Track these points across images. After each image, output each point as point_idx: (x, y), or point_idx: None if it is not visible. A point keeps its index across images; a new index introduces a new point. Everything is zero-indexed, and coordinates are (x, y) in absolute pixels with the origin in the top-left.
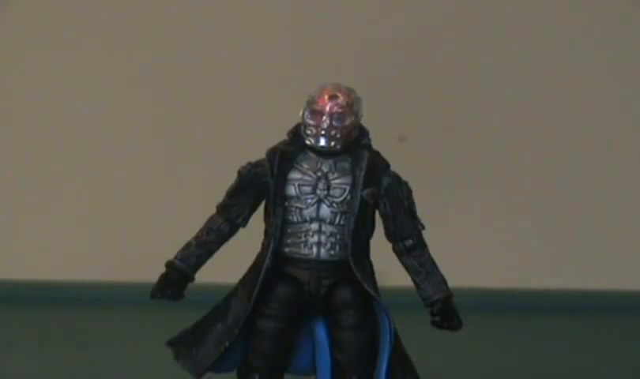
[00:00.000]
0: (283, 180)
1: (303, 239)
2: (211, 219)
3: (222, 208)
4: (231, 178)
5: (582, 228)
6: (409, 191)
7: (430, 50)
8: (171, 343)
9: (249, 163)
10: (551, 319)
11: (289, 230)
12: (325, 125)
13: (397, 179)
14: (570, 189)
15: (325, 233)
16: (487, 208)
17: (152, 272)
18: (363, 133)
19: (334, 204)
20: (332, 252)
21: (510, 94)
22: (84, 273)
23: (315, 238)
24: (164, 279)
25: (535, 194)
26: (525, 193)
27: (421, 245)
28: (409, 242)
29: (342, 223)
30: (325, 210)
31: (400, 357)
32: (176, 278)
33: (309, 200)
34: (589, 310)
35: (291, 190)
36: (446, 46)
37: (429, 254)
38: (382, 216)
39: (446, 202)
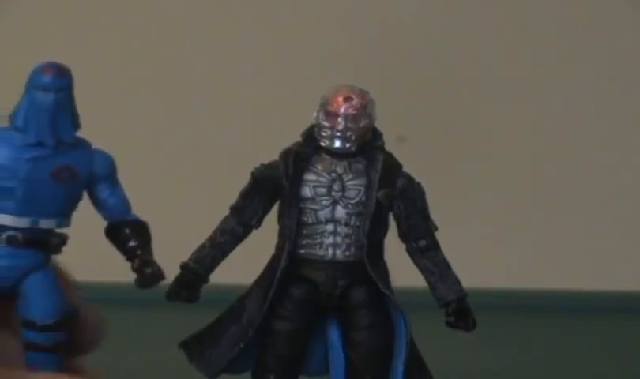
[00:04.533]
0: (298, 182)
1: (319, 240)
2: (224, 221)
3: (235, 210)
4: (233, 179)
5: (581, 229)
6: (422, 192)
7: (429, 50)
8: (184, 345)
9: (262, 165)
10: (552, 319)
11: (304, 232)
12: (340, 127)
13: (410, 181)
14: (569, 189)
15: (340, 234)
16: (486, 208)
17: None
18: (376, 134)
19: (349, 206)
20: (347, 253)
21: (510, 94)
22: (86, 274)
23: (331, 239)
24: (179, 280)
25: (534, 194)
26: (523, 193)
27: (434, 245)
28: (422, 243)
29: (357, 224)
30: (340, 211)
31: (415, 358)
32: (191, 279)
33: (324, 202)
34: (588, 311)
35: (307, 192)
36: (446, 46)
37: (442, 255)
38: (396, 217)
39: (446, 202)
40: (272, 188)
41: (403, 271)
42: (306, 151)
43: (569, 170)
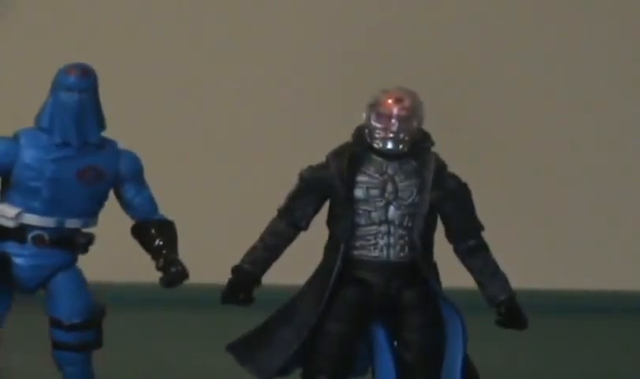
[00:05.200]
0: (351, 183)
1: (373, 242)
2: (273, 223)
3: (284, 212)
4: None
5: (582, 229)
6: (469, 192)
7: (430, 50)
8: (233, 348)
9: (310, 167)
10: (549, 318)
11: (357, 233)
12: (394, 129)
13: (459, 181)
14: (568, 189)
15: (394, 235)
16: (486, 209)
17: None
18: (425, 135)
19: (402, 207)
20: (401, 254)
21: (510, 92)
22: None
23: (385, 240)
24: (233, 284)
25: (533, 194)
26: (523, 193)
27: (483, 246)
28: (472, 243)
29: (410, 224)
30: (393, 212)
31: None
32: (244, 281)
33: (378, 203)
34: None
35: (360, 193)
36: (446, 46)
37: (491, 255)
38: (445, 217)
39: None
40: (323, 189)
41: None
42: (357, 153)
43: (571, 169)
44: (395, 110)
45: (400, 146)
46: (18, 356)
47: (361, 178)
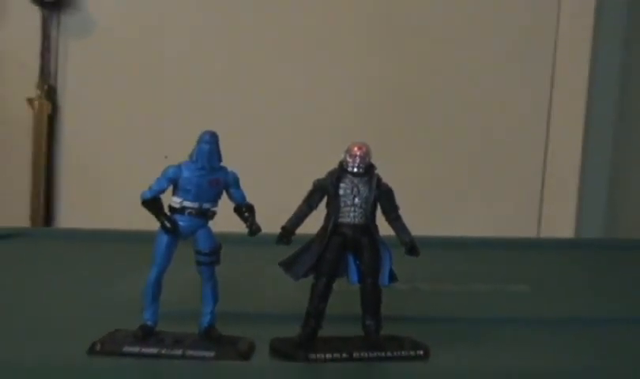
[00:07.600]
0: (337, 187)
1: (347, 214)
2: (301, 205)
3: (306, 200)
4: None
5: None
6: (392, 191)
7: None
8: (281, 264)
9: (317, 179)
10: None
11: (340, 210)
12: (357, 162)
13: (387, 186)
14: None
15: (357, 211)
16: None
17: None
18: (372, 165)
19: (361, 198)
20: (361, 220)
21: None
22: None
23: (353, 213)
24: (281, 234)
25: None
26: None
27: (399, 217)
28: (393, 215)
29: (365, 206)
30: (357, 201)
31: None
32: (287, 235)
33: (349, 196)
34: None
35: (341, 191)
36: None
37: (403, 221)
38: (381, 204)
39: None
40: (324, 190)
41: (382, 228)
42: (340, 173)
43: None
44: (358, 153)
45: (360, 170)
46: (180, 269)
47: (342, 185)
